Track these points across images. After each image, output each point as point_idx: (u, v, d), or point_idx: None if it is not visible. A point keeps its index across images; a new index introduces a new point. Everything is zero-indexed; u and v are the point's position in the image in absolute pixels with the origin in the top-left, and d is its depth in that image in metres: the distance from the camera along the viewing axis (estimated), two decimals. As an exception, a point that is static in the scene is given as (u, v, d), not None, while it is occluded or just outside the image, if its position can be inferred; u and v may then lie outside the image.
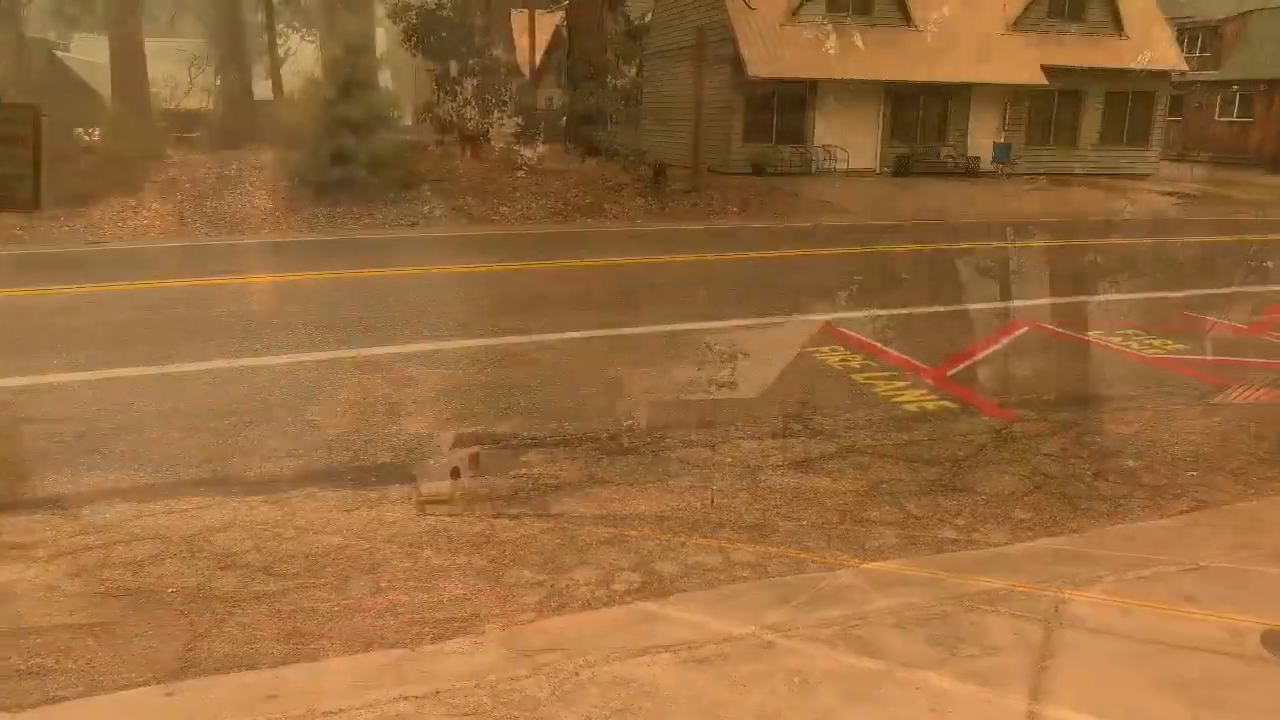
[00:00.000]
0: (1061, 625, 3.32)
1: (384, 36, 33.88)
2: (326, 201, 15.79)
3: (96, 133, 16.14)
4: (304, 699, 2.88)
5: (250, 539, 4.03)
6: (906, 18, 25.11)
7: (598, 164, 19.09)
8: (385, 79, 20.68)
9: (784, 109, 24.71)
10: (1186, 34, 33.42)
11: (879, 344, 7.40)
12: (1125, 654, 3.17)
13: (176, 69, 30.52)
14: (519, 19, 46.09)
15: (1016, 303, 9.13)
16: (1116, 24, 26.56)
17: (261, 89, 28.61)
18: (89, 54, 35.52)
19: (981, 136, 26.03)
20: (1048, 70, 25.37)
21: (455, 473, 4.72)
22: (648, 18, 29.52)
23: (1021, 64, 25.48)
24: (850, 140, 25.03)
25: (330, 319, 8.19)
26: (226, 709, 2.82)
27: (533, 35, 34.41)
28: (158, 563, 3.82)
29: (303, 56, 31.86)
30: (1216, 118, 33.73)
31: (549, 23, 42.43)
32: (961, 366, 6.80)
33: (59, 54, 35.18)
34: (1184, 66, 27.47)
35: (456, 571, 3.79)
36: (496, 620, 3.43)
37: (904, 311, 8.69)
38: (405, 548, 3.98)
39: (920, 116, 25.76)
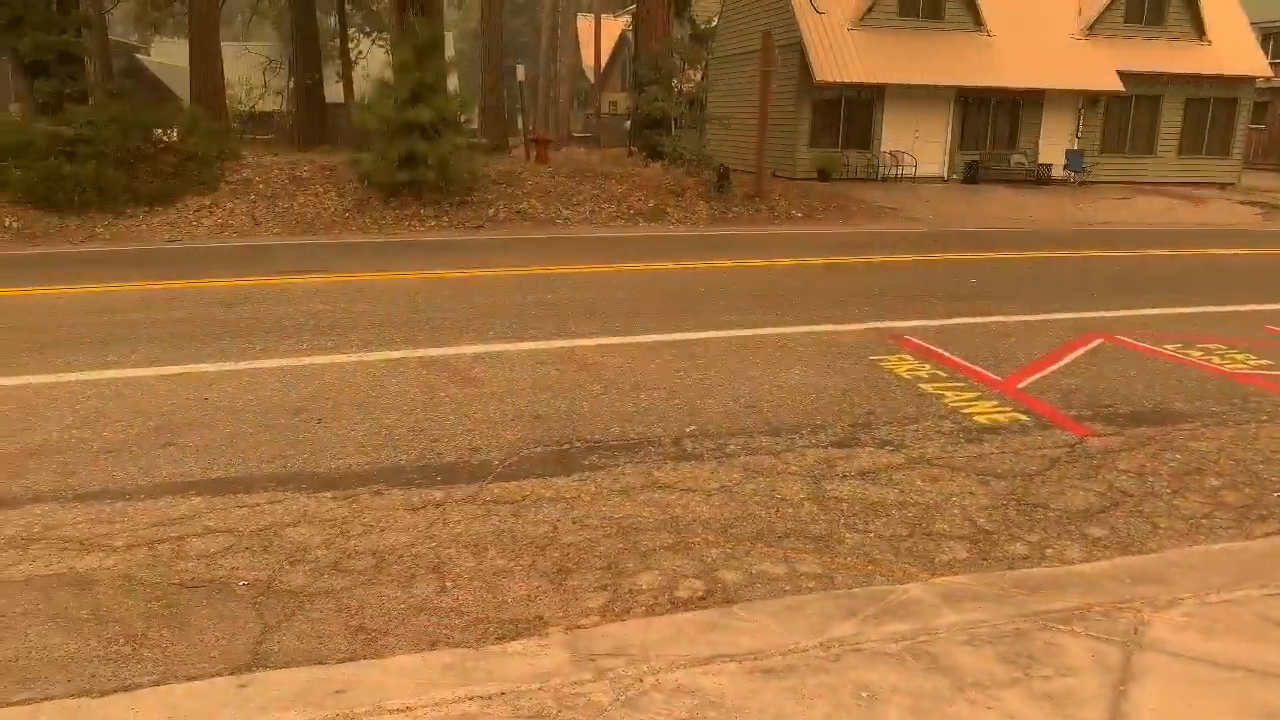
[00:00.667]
0: (1141, 648, 3.21)
1: (452, 40, 34.37)
2: (394, 204, 16.06)
3: (174, 134, 16.58)
4: (371, 695, 2.91)
5: (319, 535, 4.09)
6: (978, 21, 24.71)
7: (661, 168, 19.09)
8: (453, 82, 20.94)
9: (850, 114, 24.50)
10: (1272, 38, 32.37)
11: (948, 353, 7.27)
12: (1208, 680, 3.05)
13: (252, 72, 31.34)
14: (585, 24, 46.45)
15: (1091, 313, 8.90)
16: (1197, 28, 25.82)
17: (333, 92, 29.21)
18: (169, 57, 36.66)
19: (1053, 143, 25.50)
20: (1124, 76, 24.77)
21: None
22: (714, 22, 29.48)
23: (1096, 69, 24.90)
24: (918, 146, 24.71)
25: (397, 318, 8.31)
26: (296, 702, 2.85)
27: (598, 40, 34.63)
28: (230, 555, 3.90)
29: (373, 60, 32.44)
30: (1304, 126, 32.66)
31: (614, 28, 42.69)
32: (1034, 378, 6.64)
33: (140, 57, 36.35)
34: (1269, 72, 26.59)
35: (520, 573, 3.80)
36: (560, 623, 3.43)
37: (974, 320, 8.53)
38: (470, 547, 4.01)
39: (990, 122, 25.34)
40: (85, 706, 2.87)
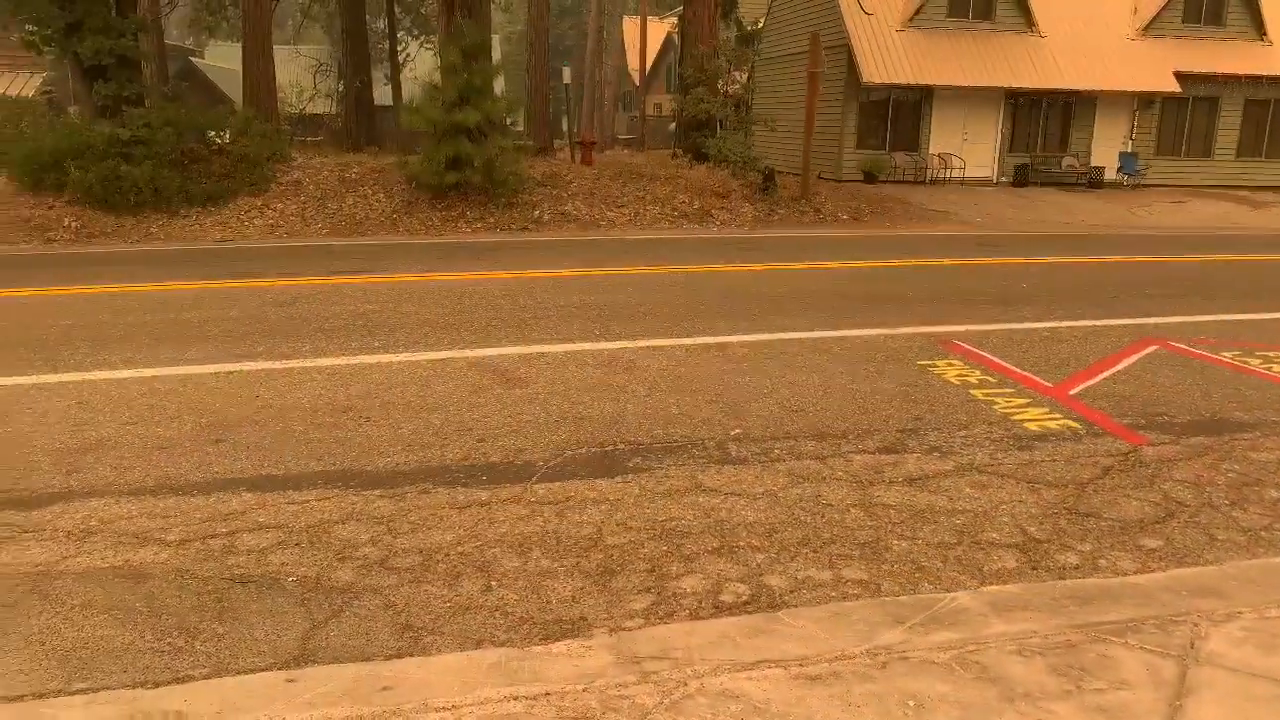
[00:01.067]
0: (1198, 663, 3.14)
1: (498, 43, 34.62)
2: (441, 205, 16.21)
3: (227, 136, 16.88)
4: (417, 692, 2.93)
5: (367, 532, 4.14)
6: (1030, 22, 24.37)
7: (706, 170, 19.05)
8: (499, 85, 21.08)
9: (898, 115, 24.30)
10: (1336, 38, 31.41)
11: (998, 359, 7.16)
12: (1267, 696, 2.97)
13: (302, 75, 31.84)
14: (630, 26, 46.55)
15: (1145, 319, 8.72)
16: (1258, 27, 25.23)
17: (381, 94, 29.55)
18: (222, 60, 37.38)
19: (1106, 146, 25.07)
20: (1181, 77, 24.28)
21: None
22: (761, 23, 29.38)
23: (1152, 70, 24.43)
24: (967, 148, 24.43)
25: (444, 319, 8.38)
26: (344, 698, 2.88)
27: (643, 42, 34.67)
28: (280, 551, 3.95)
29: (421, 63, 32.79)
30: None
31: (659, 30, 42.72)
32: (1086, 384, 6.52)
33: (194, 60, 37.09)
34: (1332, 73, 25.85)
35: (564, 573, 3.81)
36: (604, 625, 3.43)
37: (1024, 326, 8.40)
38: (514, 548, 4.02)
39: (1041, 124, 24.97)
40: (141, 697, 2.93)
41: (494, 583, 3.73)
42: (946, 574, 3.84)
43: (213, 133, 16.79)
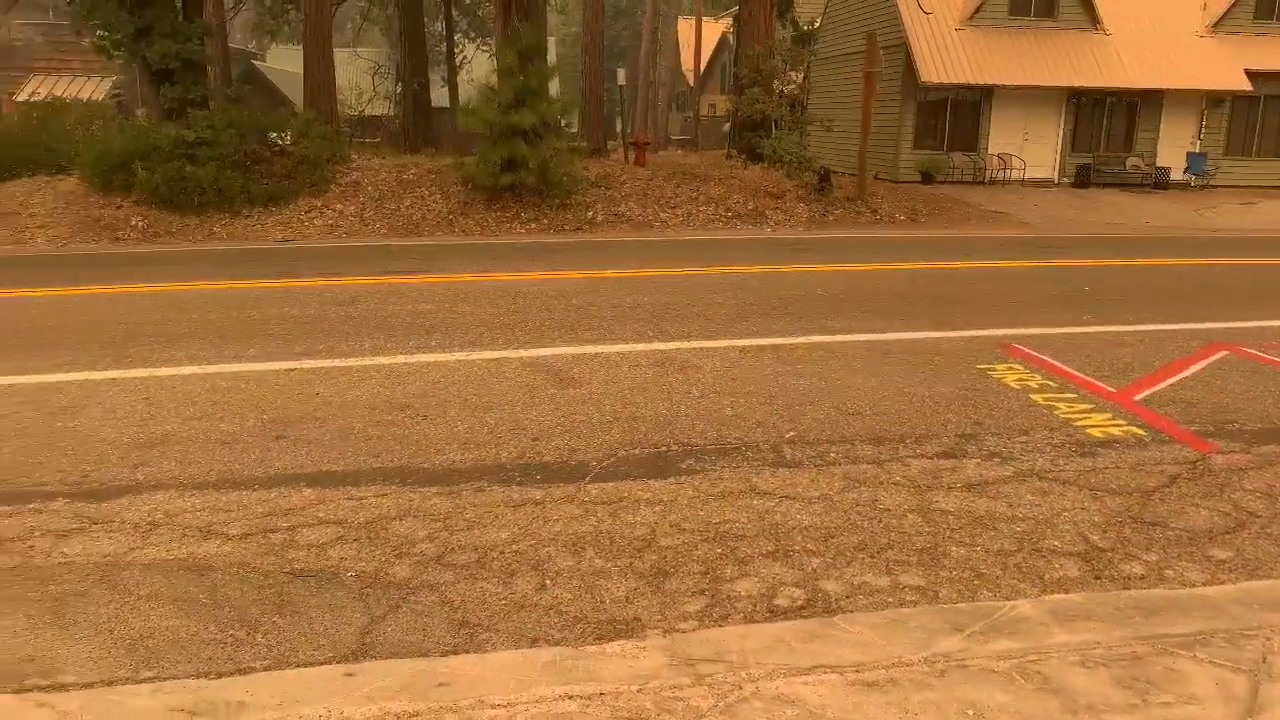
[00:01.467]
0: (1271, 678, 3.04)
1: (554, 44, 34.83)
2: (496, 206, 16.34)
3: (288, 137, 17.18)
4: (473, 689, 2.95)
5: (423, 529, 4.18)
6: (1094, 19, 23.87)
7: (761, 170, 18.96)
8: (554, 87, 21.23)
9: (957, 115, 23.96)
10: None
11: (1059, 363, 7.02)
12: (1346, 716, 2.86)
13: (361, 77, 32.33)
14: (685, 27, 46.50)
15: (1214, 324, 8.48)
16: (1334, 24, 24.40)
17: (438, 96, 29.87)
18: (283, 63, 38.10)
19: (1172, 145, 24.45)
20: (1252, 75, 23.59)
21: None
22: (817, 23, 29.17)
23: (1222, 68, 23.78)
24: (1027, 149, 24.01)
25: (499, 319, 8.45)
26: (402, 693, 2.92)
27: (698, 43, 34.62)
28: (339, 546, 4.01)
29: (478, 65, 33.10)
30: None
31: (714, 31, 42.60)
32: (1151, 390, 6.36)
33: (256, 63, 37.85)
34: None
35: (618, 574, 3.81)
36: (657, 626, 3.43)
37: (1087, 330, 8.23)
38: (568, 547, 4.04)
39: (1105, 124, 24.42)
40: (205, 687, 2.99)
41: (548, 581, 3.75)
42: (1006, 582, 3.77)
43: (274, 134, 17.11)
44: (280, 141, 17.07)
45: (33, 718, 2.84)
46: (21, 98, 25.45)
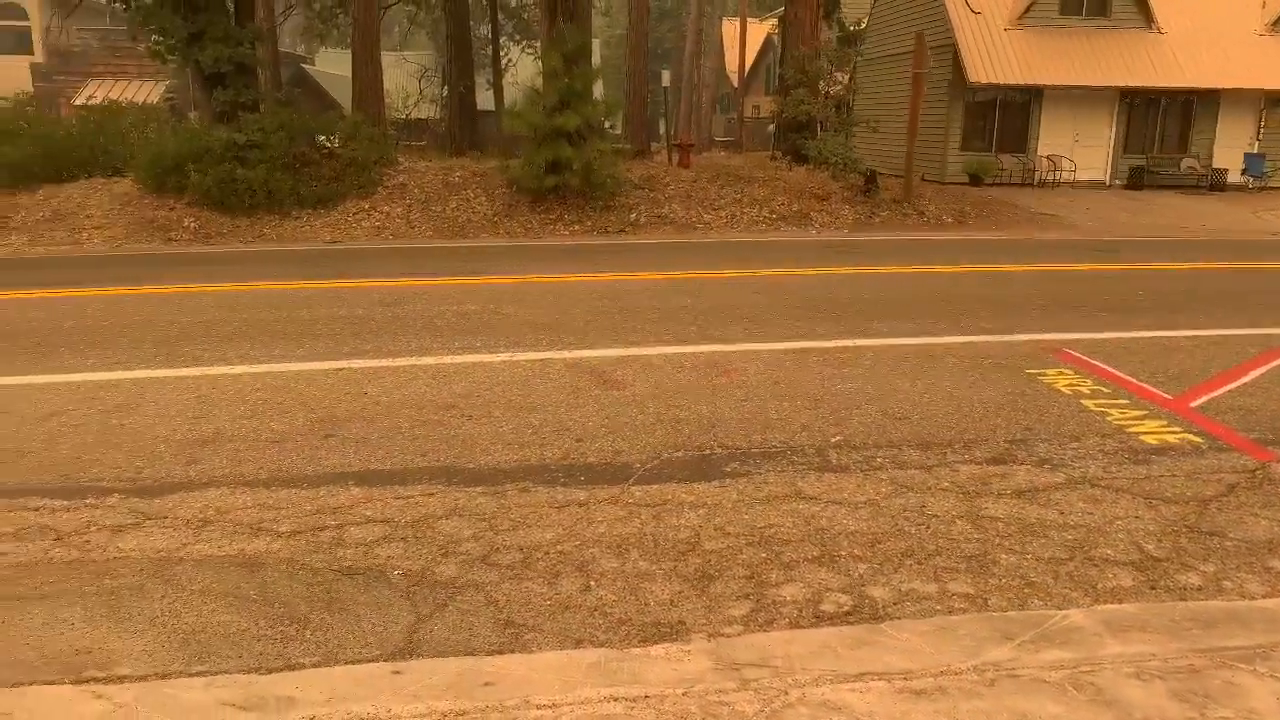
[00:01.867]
0: (1336, 695, 2.95)
1: (598, 46, 34.92)
2: (540, 208, 16.42)
3: (336, 140, 17.40)
4: (518, 689, 2.96)
5: (469, 528, 4.21)
6: (1148, 19, 23.41)
7: (805, 172, 18.85)
8: (599, 89, 21.26)
9: (1005, 116, 23.63)
10: None
11: (1112, 368, 6.89)
12: None
13: (408, 80, 32.67)
14: (729, 28, 46.41)
15: (1274, 329, 8.27)
16: (1400, 21, 23.70)
17: (483, 99, 30.11)
18: (331, 67, 38.63)
19: (1230, 146, 23.89)
20: (1314, 73, 22.95)
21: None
22: (863, 23, 28.94)
23: (1282, 67, 23.17)
24: (1078, 150, 23.61)
25: (543, 320, 8.48)
26: (448, 692, 2.93)
27: (743, 44, 34.51)
28: (386, 545, 4.05)
29: (522, 68, 33.29)
30: None
31: (758, 32, 42.45)
32: (1208, 397, 6.22)
33: (305, 67, 38.41)
34: None
35: (662, 576, 3.80)
36: (702, 629, 3.41)
37: (1140, 335, 8.06)
38: (612, 548, 4.04)
39: (1159, 125, 23.92)
40: (255, 682, 3.03)
41: (592, 582, 3.75)
42: (1058, 590, 3.70)
43: (323, 137, 17.34)
44: (329, 144, 17.31)
45: (90, 709, 2.90)
46: (79, 101, 26.07)
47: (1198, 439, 5.42)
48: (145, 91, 27.56)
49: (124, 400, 6.08)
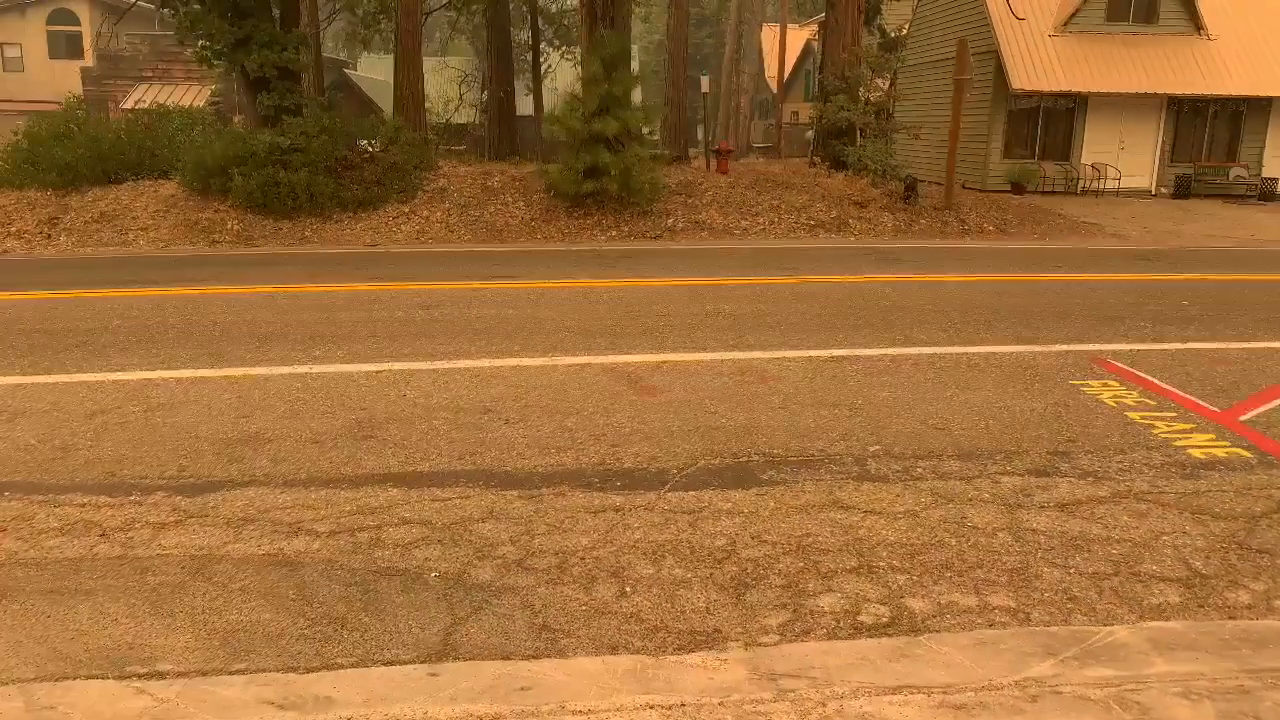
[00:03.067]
0: (1393, 720, 2.87)
1: (637, 52, 35.00)
2: (578, 213, 16.46)
3: (377, 144, 17.56)
4: (554, 694, 2.96)
5: (506, 531, 4.21)
6: (1197, 25, 23.02)
7: (845, 179, 18.72)
8: (638, 95, 21.32)
9: (1048, 123, 23.35)
10: None
11: (1158, 380, 6.76)
12: None
13: (448, 86, 32.93)
14: (769, 34, 46.29)
15: (1325, 342, 8.08)
16: None
17: (523, 105, 30.28)
18: (373, 72, 39.06)
19: (1280, 156, 23.37)
20: (1369, 81, 22.44)
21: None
22: (904, 30, 28.74)
23: (1335, 74, 22.67)
24: (1123, 158, 23.24)
25: (580, 325, 8.49)
26: (484, 695, 2.94)
27: (782, 50, 34.43)
28: (423, 547, 4.07)
29: (561, 74, 33.44)
30: None
31: (798, 38, 42.33)
32: (1259, 410, 6.08)
33: (347, 72, 38.87)
34: None
35: (699, 584, 3.78)
36: (739, 638, 3.39)
37: (1187, 346, 7.91)
38: (648, 555, 4.02)
39: (1207, 133, 23.50)
40: (293, 681, 3.06)
41: (628, 588, 3.74)
42: (1102, 606, 3.63)
43: (364, 141, 17.51)
44: (370, 148, 17.47)
45: (133, 703, 2.94)
46: (128, 105, 26.58)
47: (1247, 453, 5.31)
48: (191, 95, 28.05)
49: (168, 399, 6.17)
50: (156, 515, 4.38)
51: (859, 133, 19.65)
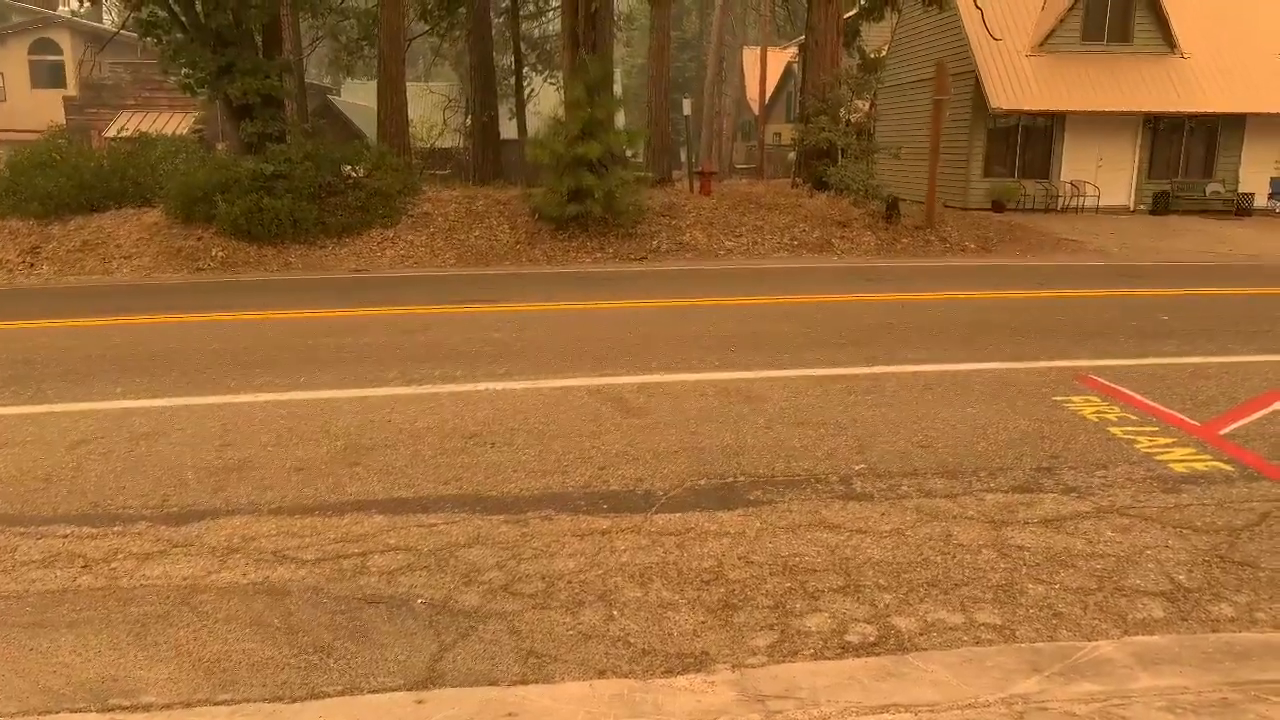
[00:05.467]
0: (1375, 731, 2.89)
1: (620, 75, 35.23)
2: (563, 236, 16.51)
3: (361, 170, 17.58)
4: (541, 720, 2.95)
5: (492, 557, 4.21)
6: (1171, 44, 23.34)
7: (827, 199, 18.85)
8: (621, 118, 21.45)
9: (1027, 142, 23.60)
10: None
11: (1139, 395, 6.82)
12: None
13: (432, 111, 33.01)
14: (750, 56, 46.66)
15: (1303, 356, 8.16)
16: None
17: (506, 129, 30.38)
18: (356, 97, 39.15)
19: (1256, 171, 23.72)
20: (1340, 97, 22.79)
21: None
22: (883, 51, 29.03)
23: (1307, 90, 23.01)
24: (1101, 175, 23.50)
25: (566, 348, 8.51)
26: (471, 722, 2.93)
27: (763, 72, 34.69)
28: (409, 573, 4.05)
29: (544, 98, 33.59)
30: None
31: (779, 59, 42.67)
32: (1238, 424, 6.14)
33: (331, 98, 38.95)
34: None
35: (686, 606, 3.78)
36: (726, 660, 3.39)
37: (1167, 361, 7.98)
38: (635, 578, 4.02)
39: (1183, 149, 23.79)
40: (279, 711, 3.04)
41: (615, 612, 3.73)
42: (1087, 621, 3.65)
43: (348, 167, 17.52)
44: (354, 174, 17.47)
45: (115, 737, 2.91)
46: (111, 133, 26.53)
47: (1228, 467, 5.35)
48: (175, 123, 28.03)
49: (151, 428, 6.14)
50: (140, 545, 4.35)
51: (840, 153, 19.81)
